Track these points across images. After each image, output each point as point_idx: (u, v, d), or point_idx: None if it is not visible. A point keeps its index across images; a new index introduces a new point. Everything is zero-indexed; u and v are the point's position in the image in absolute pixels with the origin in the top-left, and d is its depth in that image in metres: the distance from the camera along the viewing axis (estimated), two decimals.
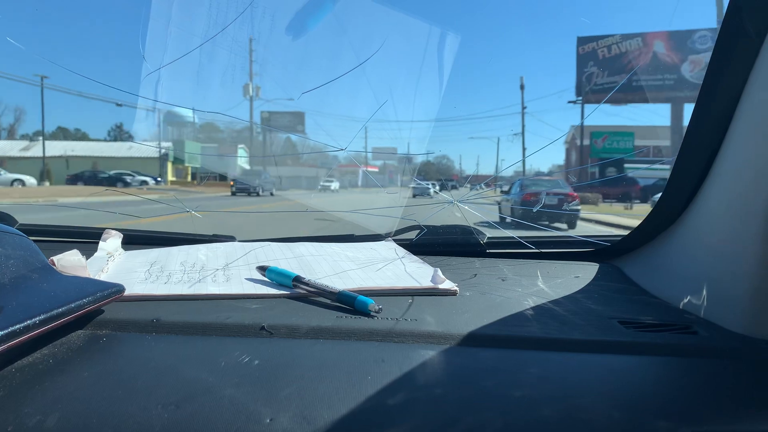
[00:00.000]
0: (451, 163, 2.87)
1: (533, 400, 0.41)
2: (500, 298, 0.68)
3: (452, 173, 1.88)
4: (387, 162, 1.45)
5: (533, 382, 0.44)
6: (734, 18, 0.58)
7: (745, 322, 0.55)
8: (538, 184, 3.73)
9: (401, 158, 1.31)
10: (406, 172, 1.19)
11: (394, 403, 0.40)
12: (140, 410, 0.38)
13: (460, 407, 0.40)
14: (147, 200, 1.11)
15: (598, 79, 21.60)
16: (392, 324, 0.56)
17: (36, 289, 0.53)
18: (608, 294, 0.72)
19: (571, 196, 3.65)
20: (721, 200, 0.63)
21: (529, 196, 2.25)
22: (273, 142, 3.06)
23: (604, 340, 0.53)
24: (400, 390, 0.42)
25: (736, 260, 0.57)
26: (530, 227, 1.04)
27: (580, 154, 27.23)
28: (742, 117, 0.60)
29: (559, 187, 4.12)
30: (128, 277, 0.72)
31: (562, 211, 1.44)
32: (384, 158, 1.57)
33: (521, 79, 26.32)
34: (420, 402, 0.40)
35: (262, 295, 0.67)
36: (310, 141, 1.39)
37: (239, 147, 18.79)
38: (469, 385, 0.43)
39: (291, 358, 0.48)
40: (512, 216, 1.00)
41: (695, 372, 0.48)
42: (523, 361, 0.49)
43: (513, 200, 2.24)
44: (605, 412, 0.40)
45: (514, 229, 1.01)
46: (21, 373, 0.44)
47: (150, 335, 0.53)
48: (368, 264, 0.83)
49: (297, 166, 7.96)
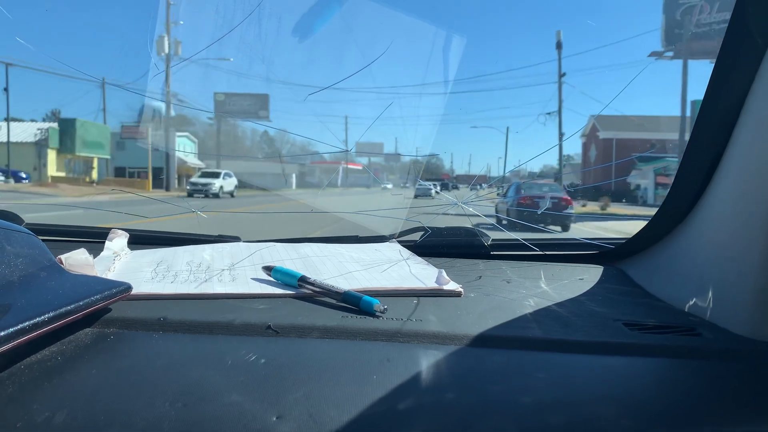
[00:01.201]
0: (440, 162, 2.79)
1: (539, 402, 0.41)
2: (504, 299, 0.69)
3: (442, 172, 1.88)
4: (372, 160, 1.30)
5: (538, 383, 0.44)
6: (740, 18, 0.58)
7: (749, 324, 0.55)
8: (534, 187, 3.84)
9: (389, 156, 1.24)
10: (395, 170, 1.16)
11: (399, 402, 0.40)
12: (147, 407, 0.38)
13: (465, 408, 0.40)
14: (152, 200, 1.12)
15: (702, 16, 12.62)
16: (397, 324, 0.56)
17: (44, 287, 0.54)
18: (612, 296, 0.72)
19: (566, 200, 3.79)
20: (725, 203, 0.63)
21: (525, 199, 2.31)
22: (235, 132, 2.60)
23: (609, 341, 0.54)
24: (405, 389, 0.42)
25: (740, 263, 0.57)
26: (529, 228, 1.04)
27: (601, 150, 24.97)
28: (747, 119, 0.60)
29: (555, 192, 4.28)
30: (135, 276, 0.73)
31: (556, 213, 1.48)
32: (369, 155, 1.44)
33: (558, 34, 18.44)
34: (425, 402, 0.40)
35: (267, 295, 0.67)
36: (290, 135, 1.23)
37: (179, 134, 16.75)
38: (474, 386, 0.44)
39: (297, 357, 0.48)
40: (508, 217, 1.02)
41: (699, 374, 0.48)
42: (528, 363, 0.49)
43: (509, 203, 2.26)
44: (610, 414, 0.40)
45: (519, 231, 1.01)
46: (30, 370, 0.44)
47: (157, 334, 0.54)
48: (373, 265, 0.83)
49: (262, 162, 6.99)
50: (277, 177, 3.14)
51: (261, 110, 16.40)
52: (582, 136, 29.08)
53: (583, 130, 28.71)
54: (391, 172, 1.10)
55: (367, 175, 1.30)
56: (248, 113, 17.10)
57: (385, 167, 1.19)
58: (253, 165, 5.98)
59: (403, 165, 1.14)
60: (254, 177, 6.00)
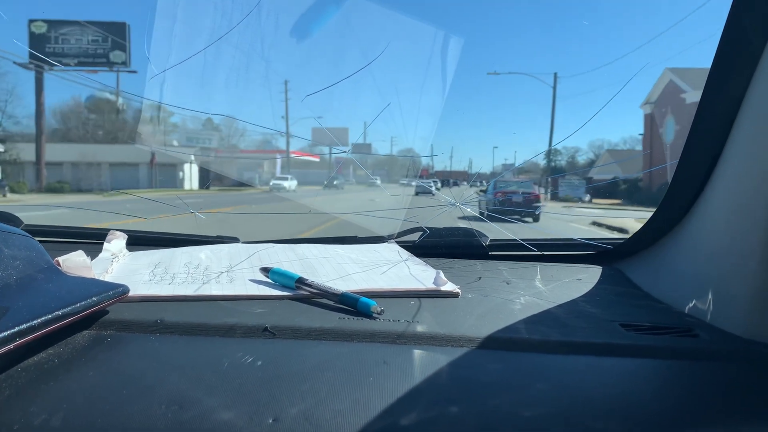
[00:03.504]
0: (417, 156, 2.73)
1: (535, 404, 0.41)
2: (502, 300, 0.69)
3: (420, 168, 1.86)
4: (336, 152, 1.01)
5: (535, 385, 0.44)
6: (736, 21, 0.58)
7: (747, 325, 0.55)
8: (509, 185, 4.25)
9: (358, 147, 1.08)
10: (366, 166, 1.07)
11: (396, 404, 0.40)
12: (144, 410, 0.38)
13: (462, 408, 0.40)
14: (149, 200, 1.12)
15: None
16: (395, 326, 0.56)
17: (41, 290, 0.54)
18: (610, 297, 0.72)
19: (535, 195, 4.19)
20: (723, 203, 0.63)
21: (497, 194, 2.54)
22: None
23: (606, 342, 0.54)
24: (402, 391, 0.42)
25: (738, 263, 0.57)
26: (503, 220, 1.04)
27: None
28: (745, 120, 0.60)
29: (526, 188, 4.74)
30: (132, 278, 0.73)
31: (527, 209, 1.68)
32: (324, 144, 1.16)
33: None
34: (422, 403, 0.40)
35: (265, 297, 0.67)
36: (239, 122, 1.01)
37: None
38: (471, 388, 0.44)
39: (294, 359, 0.48)
40: (487, 210, 1.03)
41: (697, 375, 0.48)
42: (525, 365, 0.49)
43: (488, 198, 2.41)
44: (606, 416, 0.40)
45: (498, 223, 1.01)
46: (27, 373, 0.44)
47: (154, 336, 0.54)
48: (371, 267, 0.83)
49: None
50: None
51: None
52: (647, 104, 18.14)
53: (648, 96, 17.78)
54: (359, 167, 0.95)
55: (329, 170, 1.11)
56: None
57: (350, 161, 0.92)
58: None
59: (378, 160, 1.02)
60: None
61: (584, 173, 16.61)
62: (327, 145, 1.13)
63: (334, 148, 0.92)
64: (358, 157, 1.00)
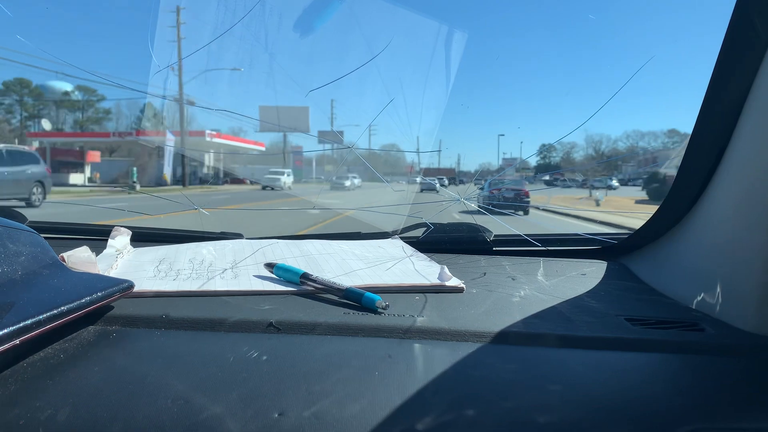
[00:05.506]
0: (401, 154, 2.68)
1: (541, 398, 0.41)
2: (506, 295, 0.68)
3: (405, 166, 1.83)
4: (292, 143, 0.80)
5: (541, 380, 0.44)
6: (741, 17, 0.58)
7: (752, 319, 0.55)
8: (503, 182, 4.69)
9: (325, 134, 0.98)
10: (345, 162, 1.02)
11: (401, 398, 0.40)
12: (150, 404, 0.39)
13: (467, 403, 0.40)
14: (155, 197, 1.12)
15: None
16: (399, 320, 0.56)
17: (47, 285, 0.54)
18: (615, 292, 0.72)
19: (525, 191, 4.50)
20: (728, 197, 0.62)
21: (492, 190, 2.82)
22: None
23: (612, 337, 0.53)
24: (407, 386, 0.42)
25: (743, 257, 0.57)
26: (498, 213, 1.04)
27: None
28: (750, 114, 0.59)
29: (518, 185, 5.21)
30: (137, 273, 0.73)
31: (520, 204, 1.82)
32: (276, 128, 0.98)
33: None
34: (427, 397, 0.40)
35: (270, 292, 0.67)
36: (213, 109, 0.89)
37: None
38: (477, 382, 0.43)
39: (299, 353, 0.48)
40: (483, 204, 1.06)
41: (702, 369, 0.48)
42: (530, 359, 0.49)
43: (484, 194, 2.60)
44: (612, 410, 0.40)
45: (496, 215, 1.01)
46: (32, 368, 0.44)
47: (159, 331, 0.54)
48: (376, 262, 0.83)
49: None
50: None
51: None
52: None
53: None
54: (328, 161, 0.84)
55: (280, 164, 0.98)
56: None
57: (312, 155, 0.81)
58: None
59: (355, 157, 0.88)
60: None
61: (655, 167, 16.32)
62: (281, 129, 0.99)
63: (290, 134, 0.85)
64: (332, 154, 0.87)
